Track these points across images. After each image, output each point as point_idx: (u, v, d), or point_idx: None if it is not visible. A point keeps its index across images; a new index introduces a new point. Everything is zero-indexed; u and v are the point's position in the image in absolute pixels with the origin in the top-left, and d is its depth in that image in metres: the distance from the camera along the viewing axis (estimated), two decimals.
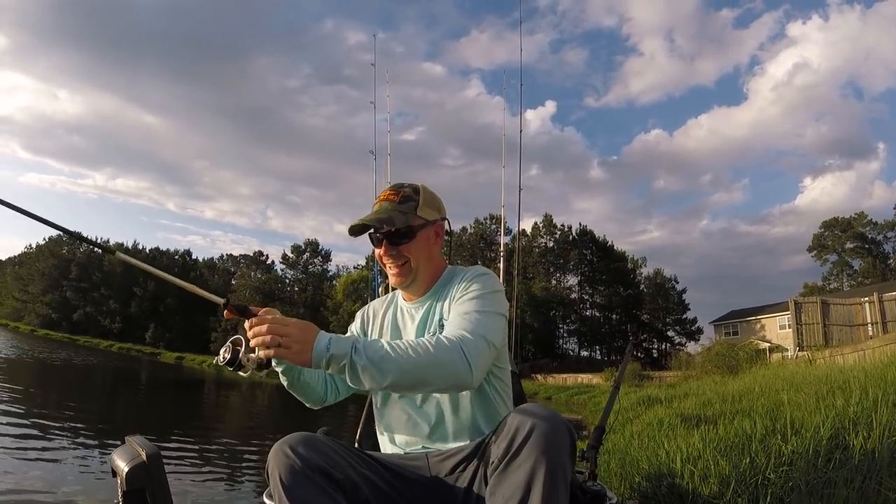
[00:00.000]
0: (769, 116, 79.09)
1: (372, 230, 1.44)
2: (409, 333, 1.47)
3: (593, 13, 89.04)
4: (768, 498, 2.48)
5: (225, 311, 1.22)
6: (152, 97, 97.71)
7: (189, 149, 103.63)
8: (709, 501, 2.59)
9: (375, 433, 1.51)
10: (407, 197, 1.45)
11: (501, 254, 4.53)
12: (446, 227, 1.54)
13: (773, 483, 2.57)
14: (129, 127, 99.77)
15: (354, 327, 1.61)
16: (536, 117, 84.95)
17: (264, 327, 1.14)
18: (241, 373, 1.21)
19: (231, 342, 1.23)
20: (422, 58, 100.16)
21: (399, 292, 1.56)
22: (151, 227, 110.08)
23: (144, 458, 1.28)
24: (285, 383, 1.44)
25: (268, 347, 1.14)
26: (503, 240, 5.40)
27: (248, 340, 1.20)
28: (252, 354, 1.20)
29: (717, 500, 2.57)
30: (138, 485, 1.26)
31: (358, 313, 1.63)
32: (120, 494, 1.29)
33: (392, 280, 1.48)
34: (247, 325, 1.18)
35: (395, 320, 1.52)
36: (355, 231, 1.45)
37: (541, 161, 77.61)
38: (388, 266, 1.46)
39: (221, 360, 1.21)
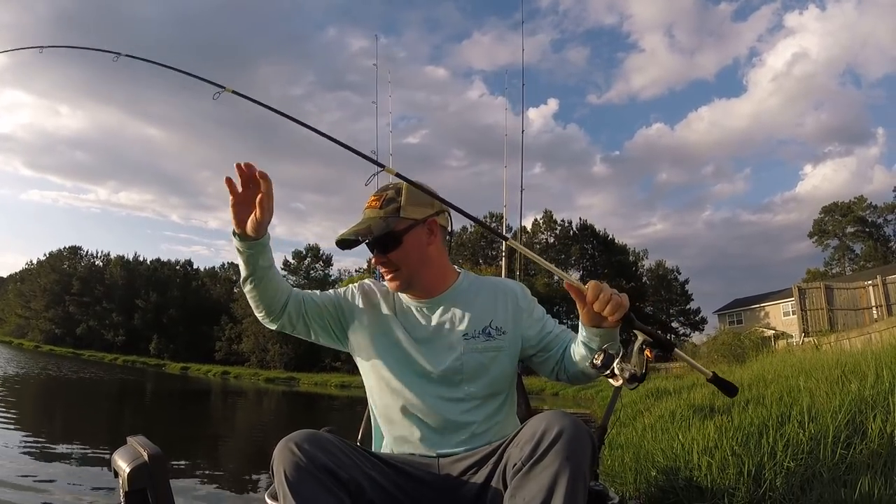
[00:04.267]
0: (769, 107, 79.31)
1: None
2: (422, 330, 1.41)
3: (594, 12, 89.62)
4: (790, 487, 2.43)
5: None
6: (154, 110, 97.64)
7: (192, 160, 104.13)
8: (728, 492, 2.54)
9: (381, 433, 1.46)
10: (389, 200, 1.38)
11: (503, 252, 4.49)
12: (445, 220, 1.45)
13: (794, 472, 2.52)
14: (132, 140, 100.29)
15: (348, 293, 1.49)
16: (539, 116, 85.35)
17: (618, 298, 1.21)
18: (612, 381, 1.22)
19: (604, 349, 1.25)
20: (425, 61, 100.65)
21: None
22: (155, 239, 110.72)
23: (146, 458, 1.27)
24: (248, 271, 1.32)
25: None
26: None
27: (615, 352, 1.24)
28: (627, 364, 1.20)
29: (737, 492, 2.52)
30: (140, 485, 1.25)
31: (354, 286, 1.51)
32: (122, 495, 1.27)
33: (388, 286, 1.45)
34: (590, 295, 1.22)
35: (405, 312, 1.45)
36: (343, 245, 1.42)
37: (544, 159, 78.00)
38: (383, 273, 1.43)
39: (597, 363, 1.24)
